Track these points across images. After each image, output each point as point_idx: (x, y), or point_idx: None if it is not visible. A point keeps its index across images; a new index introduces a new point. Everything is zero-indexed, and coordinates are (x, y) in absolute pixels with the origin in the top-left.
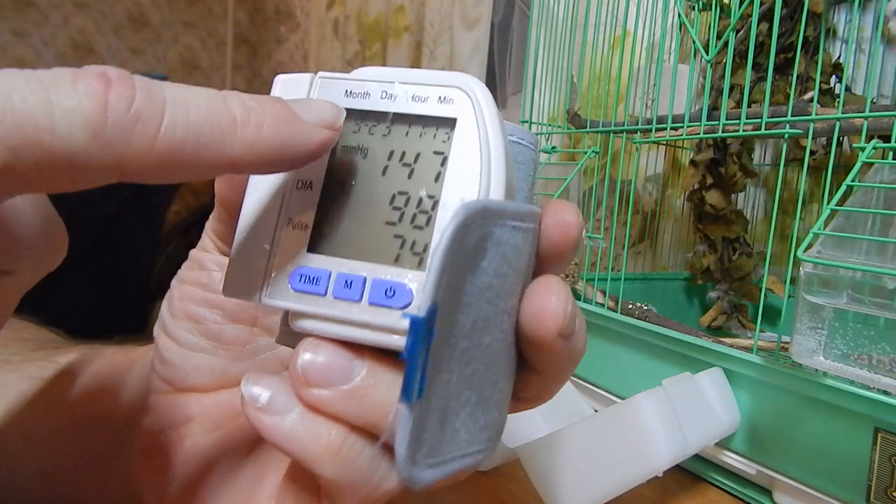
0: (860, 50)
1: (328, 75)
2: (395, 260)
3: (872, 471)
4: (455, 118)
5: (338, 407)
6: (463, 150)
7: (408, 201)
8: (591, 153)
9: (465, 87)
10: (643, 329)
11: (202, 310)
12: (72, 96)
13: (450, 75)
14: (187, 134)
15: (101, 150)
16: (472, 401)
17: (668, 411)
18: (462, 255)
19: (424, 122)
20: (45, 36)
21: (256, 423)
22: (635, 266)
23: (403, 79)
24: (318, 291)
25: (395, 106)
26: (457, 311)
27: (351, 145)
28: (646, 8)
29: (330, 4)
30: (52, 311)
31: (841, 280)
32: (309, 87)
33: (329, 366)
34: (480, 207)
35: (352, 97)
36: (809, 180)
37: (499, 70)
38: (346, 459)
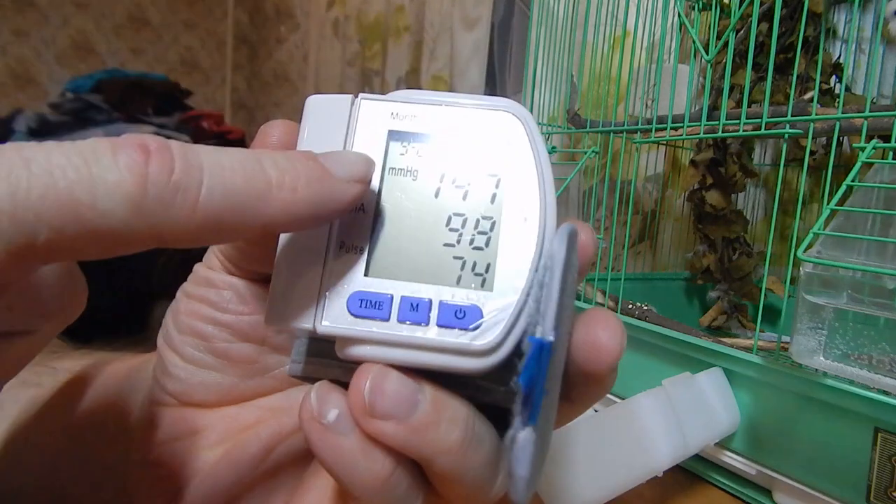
0: (860, 50)
1: (371, 97)
2: (458, 281)
3: (872, 471)
4: (506, 141)
5: (399, 440)
6: (516, 171)
7: (465, 223)
8: (591, 153)
9: (513, 109)
10: (643, 329)
11: (210, 328)
12: (113, 170)
13: (496, 99)
14: (225, 200)
15: (141, 221)
16: (549, 421)
17: (668, 411)
18: (569, 276)
19: (474, 145)
20: (45, 36)
21: (316, 440)
22: (635, 266)
23: (448, 101)
24: (382, 316)
25: (442, 129)
26: (563, 327)
27: (400, 167)
28: (646, 8)
29: (330, 4)
30: None
31: (841, 280)
32: (350, 109)
33: (396, 397)
34: (571, 231)
35: (397, 119)
36: (809, 180)
37: (499, 70)
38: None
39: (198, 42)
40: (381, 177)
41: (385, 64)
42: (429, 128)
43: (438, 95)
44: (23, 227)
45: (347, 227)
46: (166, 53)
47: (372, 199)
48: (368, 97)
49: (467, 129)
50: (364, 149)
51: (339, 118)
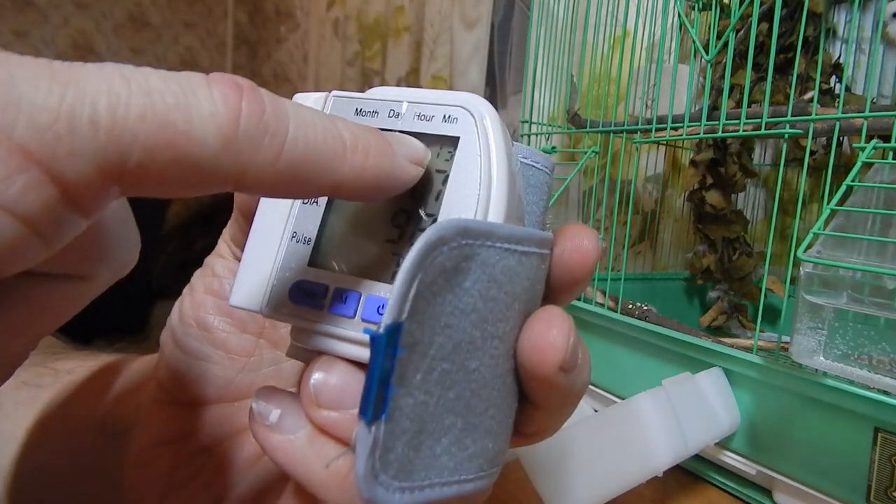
0: (860, 50)
1: (341, 94)
2: (392, 277)
3: (872, 471)
4: (458, 137)
5: (346, 430)
6: (464, 169)
7: (409, 219)
8: (591, 153)
9: (470, 106)
10: (643, 329)
11: (212, 317)
12: (209, 101)
13: (457, 95)
14: (306, 152)
15: (230, 158)
16: (457, 426)
17: (668, 411)
18: (436, 273)
19: (428, 141)
20: (45, 36)
21: (262, 441)
22: (635, 266)
23: (412, 98)
24: (315, 305)
25: (400, 124)
26: (432, 332)
27: None
28: (646, 8)
29: (330, 4)
30: None
31: (841, 280)
32: (323, 104)
33: (341, 387)
34: (456, 226)
35: (361, 115)
36: (809, 180)
37: (499, 70)
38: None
39: (198, 42)
40: None
41: (385, 64)
42: (388, 124)
43: (408, 92)
44: (119, 145)
45: (301, 219)
46: (166, 53)
47: None
48: (339, 94)
49: (423, 126)
50: None
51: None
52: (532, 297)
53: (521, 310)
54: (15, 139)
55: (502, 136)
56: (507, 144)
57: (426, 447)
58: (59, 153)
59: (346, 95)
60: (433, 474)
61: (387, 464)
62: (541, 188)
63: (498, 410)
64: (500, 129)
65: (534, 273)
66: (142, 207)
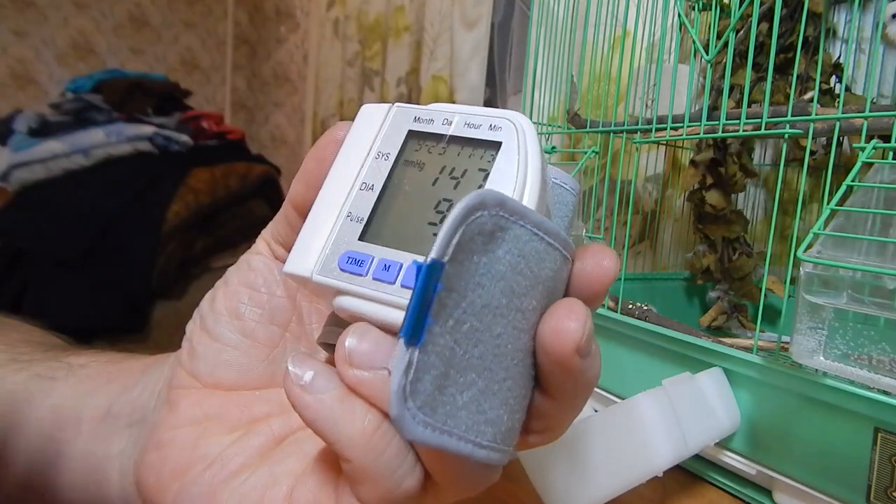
0: (860, 50)
1: (404, 106)
2: None
3: (872, 471)
4: (500, 142)
5: (376, 389)
6: (503, 169)
7: (450, 207)
8: (591, 153)
9: (514, 119)
10: (643, 329)
11: (244, 307)
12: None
13: (503, 111)
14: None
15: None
16: (477, 386)
17: (668, 411)
18: (474, 231)
19: (474, 145)
20: (45, 36)
21: (295, 400)
22: (635, 266)
23: (464, 111)
24: (360, 272)
25: (451, 130)
26: (467, 285)
27: (411, 160)
28: (646, 8)
29: (330, 4)
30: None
31: (841, 280)
32: (386, 113)
33: (373, 349)
34: (496, 197)
35: (418, 122)
36: (809, 180)
37: (499, 70)
38: (375, 447)
39: (198, 42)
40: (393, 165)
41: (385, 64)
42: (441, 130)
43: (460, 107)
44: None
45: (357, 202)
46: (166, 53)
47: (382, 182)
48: (402, 105)
49: (471, 133)
50: (385, 144)
51: (376, 120)
52: (553, 290)
53: (544, 295)
54: None
55: (538, 149)
56: (542, 156)
57: (449, 394)
58: None
59: (408, 106)
60: (451, 423)
61: (416, 392)
62: (566, 207)
63: (514, 384)
64: (537, 143)
65: (557, 267)
66: (142, 207)
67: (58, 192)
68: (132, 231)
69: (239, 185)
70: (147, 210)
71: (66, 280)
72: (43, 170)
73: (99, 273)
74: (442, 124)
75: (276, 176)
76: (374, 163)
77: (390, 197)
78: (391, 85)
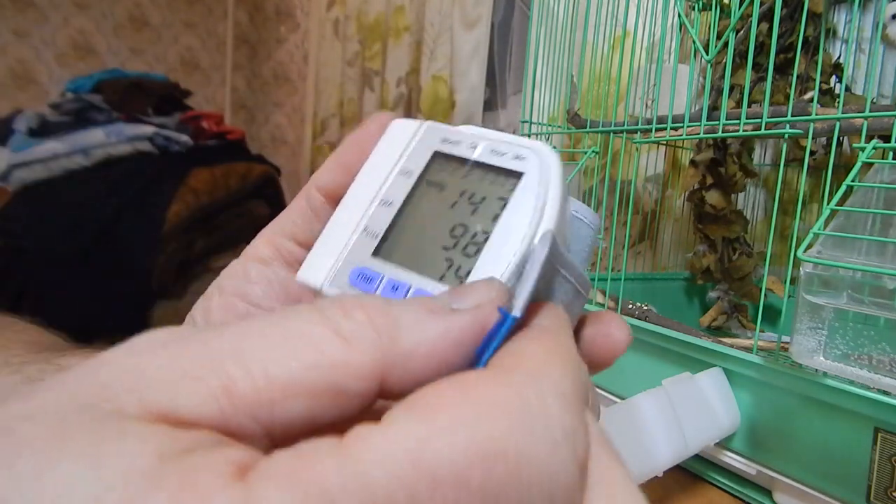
0: (860, 50)
1: (435, 125)
2: (441, 278)
3: (872, 471)
4: (523, 172)
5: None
6: (522, 200)
7: (465, 232)
8: (591, 153)
9: (540, 152)
10: (643, 329)
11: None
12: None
13: (531, 141)
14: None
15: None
16: None
17: (668, 411)
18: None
19: (497, 172)
20: (45, 36)
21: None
22: (635, 266)
23: (492, 137)
24: (370, 289)
25: (476, 155)
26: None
27: (434, 180)
28: (646, 8)
29: (330, 4)
30: (52, 311)
31: (841, 280)
32: (415, 131)
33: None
34: (554, 244)
35: (446, 143)
36: (809, 180)
37: (499, 70)
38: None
39: (198, 42)
40: (415, 184)
41: (385, 64)
42: (466, 154)
43: (491, 133)
44: None
45: (375, 217)
46: (166, 53)
47: (401, 199)
48: (433, 124)
49: (496, 160)
50: (410, 161)
51: (405, 137)
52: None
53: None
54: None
55: (560, 183)
56: (563, 191)
57: None
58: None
59: (438, 126)
60: None
61: None
62: (584, 241)
63: None
64: (560, 177)
65: (571, 301)
66: (142, 207)
67: (58, 192)
68: (132, 231)
69: (239, 185)
70: (147, 210)
71: (66, 280)
72: (43, 170)
73: (99, 273)
74: (468, 148)
75: (276, 176)
76: (396, 179)
77: (408, 215)
78: (391, 85)
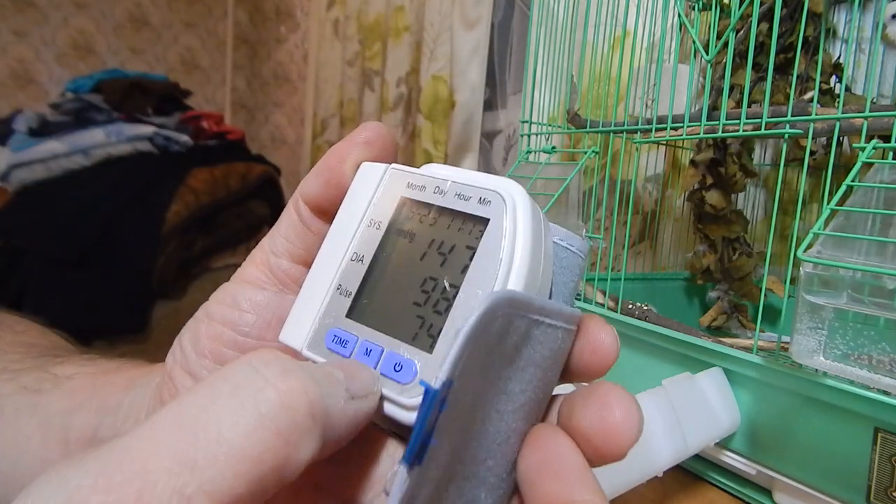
0: (860, 50)
1: (399, 168)
2: (413, 338)
3: (872, 471)
4: (488, 218)
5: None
6: (489, 248)
7: (435, 287)
8: (591, 153)
9: (504, 192)
10: (643, 329)
11: (229, 352)
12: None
13: (497, 180)
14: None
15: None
16: (462, 473)
17: (668, 411)
18: (487, 340)
19: (463, 219)
20: (45, 36)
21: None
22: (635, 266)
23: (457, 178)
24: (344, 353)
25: (442, 201)
26: (465, 388)
27: (403, 229)
28: (646, 8)
29: (330, 4)
30: (53, 311)
31: (841, 280)
32: (381, 175)
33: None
34: (507, 297)
35: (411, 188)
36: (809, 180)
37: (499, 70)
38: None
39: (198, 42)
40: (384, 235)
41: (385, 64)
42: (433, 199)
43: (457, 173)
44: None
45: (346, 274)
46: (166, 53)
47: (371, 253)
48: (397, 168)
49: (462, 206)
50: (377, 210)
51: (372, 182)
52: (548, 369)
53: (535, 376)
54: None
55: (530, 221)
56: (535, 228)
57: (442, 493)
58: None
59: (402, 170)
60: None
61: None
62: (572, 270)
63: (495, 463)
64: (529, 216)
65: (556, 347)
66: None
67: (58, 192)
68: (132, 231)
69: (239, 185)
70: (147, 210)
71: (66, 280)
72: (43, 170)
73: (99, 273)
74: (434, 193)
75: (276, 176)
76: (365, 231)
77: (379, 272)
78: (391, 85)
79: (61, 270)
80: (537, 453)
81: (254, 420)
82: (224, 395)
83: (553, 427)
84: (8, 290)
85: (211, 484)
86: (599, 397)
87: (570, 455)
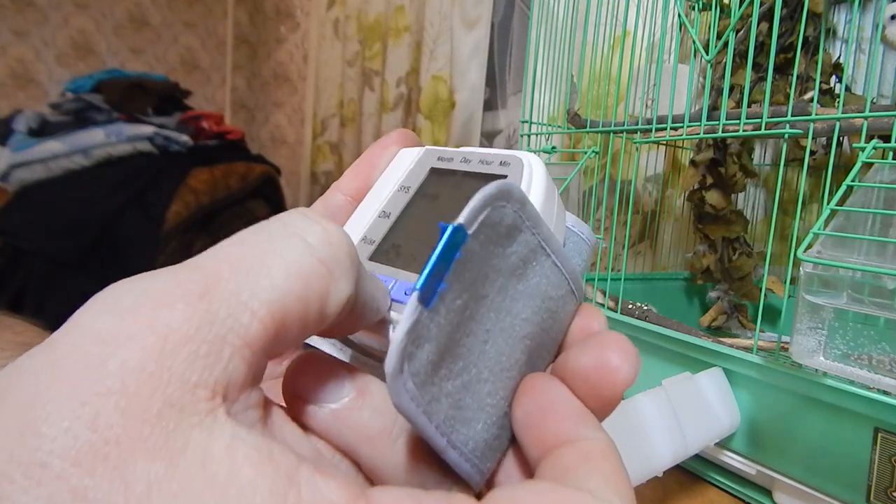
0: (860, 50)
1: (433, 148)
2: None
3: (872, 471)
4: (506, 175)
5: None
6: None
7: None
8: (591, 153)
9: (524, 157)
10: (643, 329)
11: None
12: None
13: (520, 152)
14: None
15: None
16: (462, 378)
17: (668, 411)
18: (497, 220)
19: (484, 178)
20: (45, 36)
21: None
22: (635, 266)
23: (483, 152)
24: None
25: (467, 167)
26: (478, 270)
27: (429, 192)
28: (646, 8)
29: (330, 4)
30: (52, 311)
31: (841, 280)
32: (417, 154)
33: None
34: (522, 195)
35: (441, 161)
36: (809, 180)
37: (499, 70)
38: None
39: (198, 42)
40: (412, 198)
41: (385, 64)
42: (459, 166)
43: (481, 150)
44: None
45: (372, 228)
46: (166, 53)
47: (399, 211)
48: (431, 148)
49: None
50: (409, 179)
51: (407, 161)
52: (554, 314)
53: (541, 311)
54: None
55: (544, 184)
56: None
57: (438, 376)
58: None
59: (435, 149)
60: (433, 408)
61: (412, 357)
62: (581, 255)
63: (493, 388)
64: (544, 179)
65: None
66: (142, 207)
67: (58, 192)
68: (132, 231)
69: (239, 185)
70: (147, 210)
71: (66, 280)
72: (43, 170)
73: (99, 273)
74: (460, 162)
75: (276, 176)
76: (395, 195)
77: (403, 224)
78: (391, 85)
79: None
80: (534, 399)
81: (303, 247)
82: (277, 229)
83: (547, 375)
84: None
85: (265, 293)
86: (597, 342)
87: (568, 398)
